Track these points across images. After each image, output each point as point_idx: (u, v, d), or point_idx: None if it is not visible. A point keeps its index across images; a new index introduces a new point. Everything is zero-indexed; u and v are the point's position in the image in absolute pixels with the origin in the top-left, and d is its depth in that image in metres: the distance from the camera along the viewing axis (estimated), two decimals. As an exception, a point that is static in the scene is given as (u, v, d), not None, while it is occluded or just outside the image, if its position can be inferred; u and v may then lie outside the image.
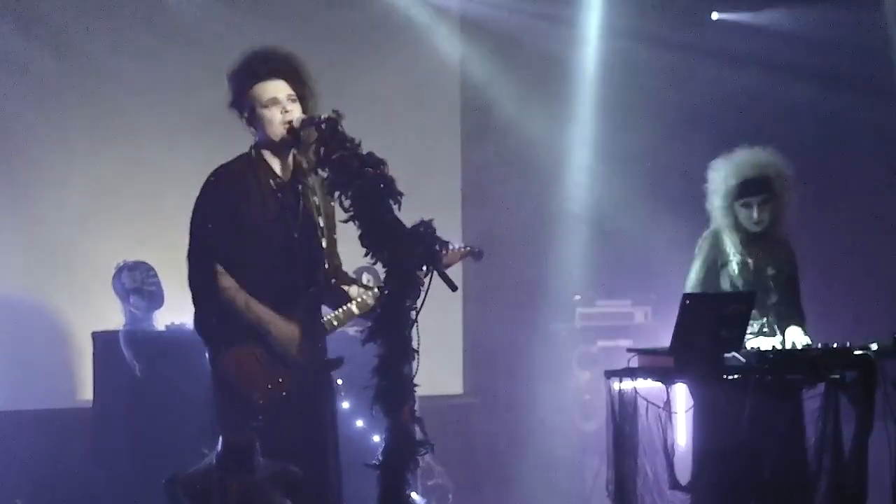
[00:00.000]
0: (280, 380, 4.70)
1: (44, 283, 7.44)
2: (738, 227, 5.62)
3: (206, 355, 4.81)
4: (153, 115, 7.74)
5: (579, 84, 8.93)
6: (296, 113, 4.72)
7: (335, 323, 4.86)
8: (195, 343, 4.91)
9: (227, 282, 4.70)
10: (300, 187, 4.82)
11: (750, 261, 5.63)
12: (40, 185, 7.47)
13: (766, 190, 5.57)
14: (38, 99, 7.49)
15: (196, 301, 4.77)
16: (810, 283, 8.31)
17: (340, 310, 4.87)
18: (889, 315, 7.81)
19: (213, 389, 4.76)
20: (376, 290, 4.66)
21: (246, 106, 4.79)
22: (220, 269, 4.70)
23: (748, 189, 5.55)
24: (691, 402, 5.36)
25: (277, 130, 4.73)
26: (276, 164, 4.82)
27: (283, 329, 4.71)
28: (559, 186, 8.93)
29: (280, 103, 4.73)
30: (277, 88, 4.76)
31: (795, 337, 5.55)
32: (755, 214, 5.57)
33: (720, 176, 5.62)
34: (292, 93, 4.76)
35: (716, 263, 5.64)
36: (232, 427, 4.63)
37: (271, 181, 4.78)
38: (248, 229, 4.72)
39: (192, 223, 4.78)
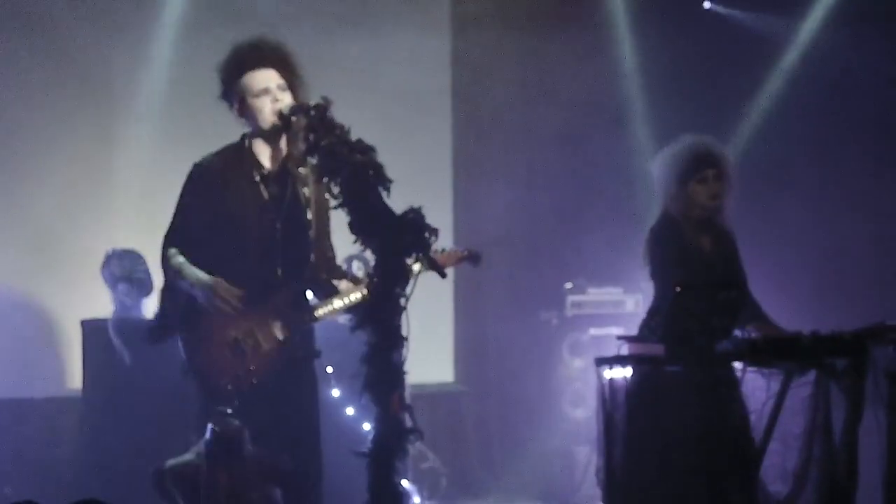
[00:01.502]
0: (251, 367, 4.71)
1: (32, 272, 7.41)
2: (689, 212, 5.60)
3: (180, 343, 4.83)
4: (141, 102, 7.72)
5: (567, 76, 8.93)
6: (286, 101, 4.73)
7: (317, 315, 4.87)
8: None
9: (177, 259, 4.78)
10: (289, 178, 4.82)
11: (702, 248, 5.62)
12: (28, 173, 7.45)
13: (719, 163, 5.57)
14: (24, 89, 7.45)
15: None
16: (801, 271, 8.38)
17: (326, 307, 4.88)
18: (878, 302, 7.83)
19: (183, 372, 4.80)
20: (365, 288, 4.65)
21: (236, 96, 4.82)
22: (173, 251, 4.80)
23: (704, 162, 5.53)
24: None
25: (268, 119, 4.75)
26: (265, 155, 4.84)
27: (223, 286, 4.70)
28: (549, 173, 8.93)
29: (270, 93, 4.75)
30: (268, 78, 4.77)
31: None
32: (712, 188, 5.54)
33: (672, 159, 5.60)
34: (282, 82, 4.77)
35: (678, 250, 5.61)
36: (203, 411, 4.66)
37: (255, 172, 4.79)
38: (225, 218, 4.74)
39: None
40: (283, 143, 4.83)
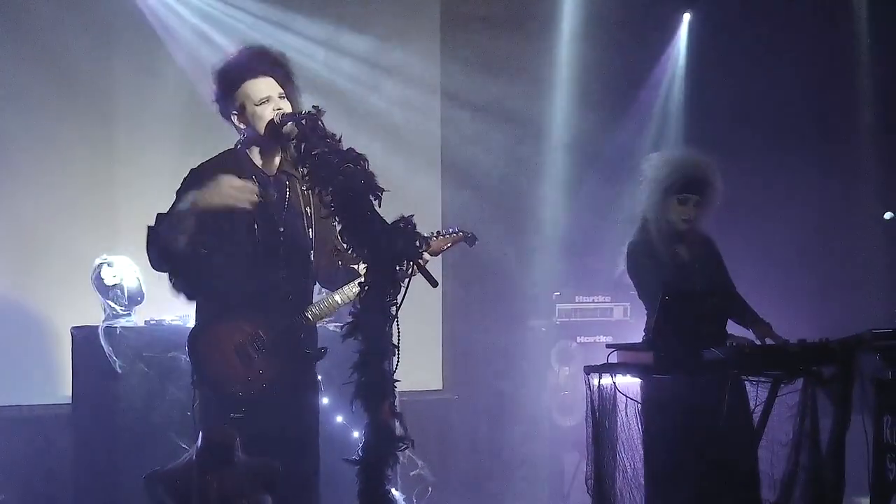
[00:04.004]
0: (260, 371, 4.72)
1: (22, 279, 7.40)
2: (666, 222, 5.67)
3: (188, 354, 4.82)
4: (133, 109, 7.72)
5: (557, 80, 8.97)
6: (286, 109, 4.75)
7: (317, 313, 4.87)
8: (175, 339, 4.92)
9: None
10: (286, 180, 4.84)
11: (679, 256, 5.70)
12: (19, 180, 7.43)
13: (703, 191, 5.67)
14: (15, 94, 7.44)
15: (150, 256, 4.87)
16: (790, 280, 8.42)
17: (323, 302, 4.88)
18: (865, 310, 7.87)
19: (193, 382, 4.78)
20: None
21: (235, 103, 4.80)
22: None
23: (689, 186, 5.64)
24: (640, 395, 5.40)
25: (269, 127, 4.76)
26: (261, 160, 4.84)
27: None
28: (539, 183, 8.97)
29: (272, 101, 4.77)
30: (270, 87, 4.79)
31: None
32: (688, 212, 5.65)
33: (661, 170, 5.69)
34: (281, 91, 4.79)
35: (656, 265, 5.67)
36: (212, 420, 4.65)
37: (254, 176, 4.80)
38: (224, 222, 4.72)
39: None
40: (279, 148, 4.85)
